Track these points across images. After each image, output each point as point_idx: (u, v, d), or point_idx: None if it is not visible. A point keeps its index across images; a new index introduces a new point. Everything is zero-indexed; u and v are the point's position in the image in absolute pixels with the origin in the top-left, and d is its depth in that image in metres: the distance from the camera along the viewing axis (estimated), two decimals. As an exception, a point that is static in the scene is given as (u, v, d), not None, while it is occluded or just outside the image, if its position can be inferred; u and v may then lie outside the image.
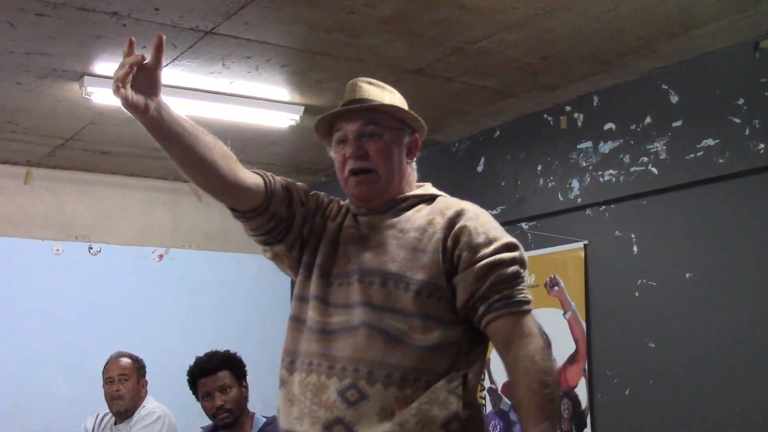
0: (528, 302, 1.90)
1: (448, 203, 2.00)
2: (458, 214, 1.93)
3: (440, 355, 1.86)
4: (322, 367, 1.88)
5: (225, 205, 1.99)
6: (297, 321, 1.99)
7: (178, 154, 1.85)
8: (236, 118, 4.75)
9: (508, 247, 1.90)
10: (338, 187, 2.10)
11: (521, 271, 1.90)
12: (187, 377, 3.48)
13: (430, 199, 2.03)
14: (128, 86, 1.75)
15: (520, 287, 1.89)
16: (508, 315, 1.85)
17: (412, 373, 1.83)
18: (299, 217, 2.02)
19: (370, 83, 2.07)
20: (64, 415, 5.48)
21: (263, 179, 1.98)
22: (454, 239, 1.89)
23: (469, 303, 1.88)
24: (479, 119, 4.91)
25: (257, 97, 4.53)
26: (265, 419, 3.43)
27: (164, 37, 1.80)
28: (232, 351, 3.54)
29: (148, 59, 1.79)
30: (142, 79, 1.77)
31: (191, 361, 3.53)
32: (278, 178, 2.04)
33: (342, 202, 2.11)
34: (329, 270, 1.97)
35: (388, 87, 2.09)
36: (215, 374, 3.41)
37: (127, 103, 1.76)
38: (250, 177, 1.96)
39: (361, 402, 1.82)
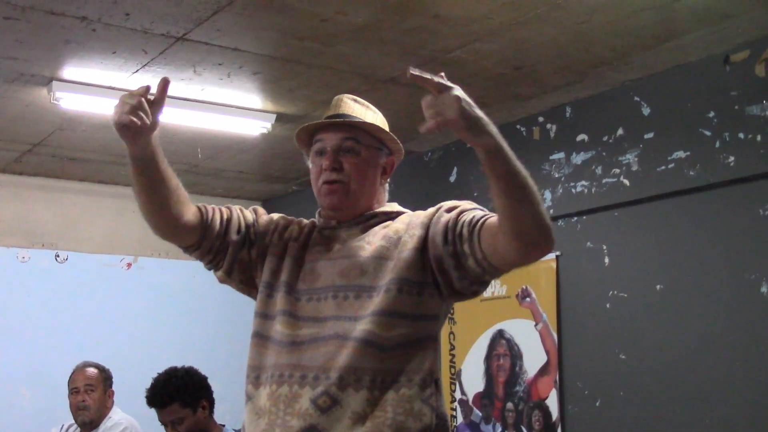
0: None
1: (409, 214, 2.07)
2: (423, 212, 2.01)
3: (409, 353, 1.89)
4: (294, 377, 1.90)
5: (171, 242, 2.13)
6: (261, 337, 2.02)
7: (145, 192, 1.99)
8: (207, 126, 4.73)
9: (465, 201, 1.99)
10: (310, 196, 2.11)
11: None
12: None
13: (396, 215, 2.09)
14: (138, 112, 1.85)
15: (485, 210, 1.94)
16: (491, 216, 1.87)
17: (381, 374, 1.86)
18: (234, 248, 2.10)
19: (355, 101, 2.13)
20: (28, 426, 5.41)
21: (202, 217, 2.07)
22: (421, 225, 1.97)
23: (448, 235, 1.90)
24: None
25: (229, 105, 4.51)
26: (234, 431, 3.41)
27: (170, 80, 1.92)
28: (190, 368, 3.51)
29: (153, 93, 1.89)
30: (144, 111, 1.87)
31: (159, 371, 3.50)
32: (220, 211, 2.11)
33: (305, 221, 2.16)
34: (295, 286, 2.02)
35: (372, 107, 2.15)
36: (165, 409, 3.39)
37: (133, 127, 1.85)
38: (192, 217, 2.05)
39: (333, 408, 1.84)
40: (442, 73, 1.68)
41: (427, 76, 1.68)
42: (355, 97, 2.14)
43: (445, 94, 1.66)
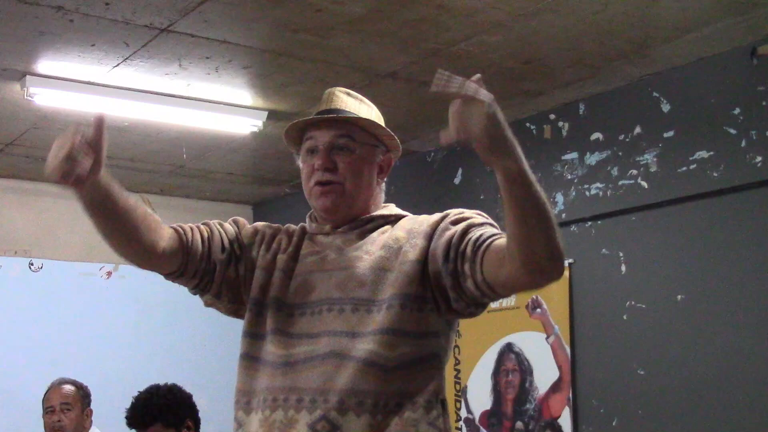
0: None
1: (410, 219, 2.05)
2: (425, 219, 1.99)
3: (413, 374, 1.88)
4: (290, 401, 1.88)
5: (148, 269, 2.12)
6: (250, 359, 2.01)
7: (110, 232, 2.01)
8: (193, 123, 4.73)
9: (474, 212, 1.96)
10: (304, 199, 2.09)
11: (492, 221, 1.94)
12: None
13: (395, 219, 2.07)
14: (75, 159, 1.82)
15: (496, 227, 1.91)
16: (500, 238, 1.83)
17: (384, 398, 1.84)
18: (221, 267, 2.07)
19: (348, 94, 2.11)
20: (-1, 448, 5.41)
21: (181, 240, 2.05)
22: (424, 236, 1.95)
23: (450, 253, 1.87)
24: (457, 127, 4.90)
25: (217, 101, 4.51)
26: (221, 453, 3.40)
27: (104, 116, 1.87)
28: (174, 385, 3.51)
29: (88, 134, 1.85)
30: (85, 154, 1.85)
31: (141, 389, 3.49)
32: (199, 230, 2.09)
33: (293, 228, 2.14)
34: (286, 301, 2.00)
35: (367, 101, 2.12)
36: (146, 429, 3.38)
37: (72, 177, 1.84)
38: (169, 242, 2.03)
39: None
40: (478, 75, 1.62)
41: (456, 82, 1.62)
42: (348, 90, 2.12)
43: (475, 106, 1.61)
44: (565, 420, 4.40)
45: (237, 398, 2.00)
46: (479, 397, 4.88)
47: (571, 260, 4.47)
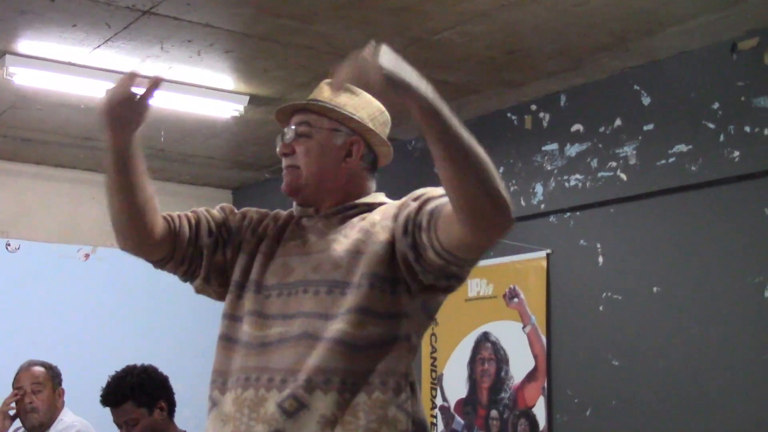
0: None
1: (393, 203, 2.07)
2: (397, 204, 2.02)
3: (382, 354, 1.89)
4: (261, 380, 1.90)
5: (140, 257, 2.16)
6: (227, 340, 2.03)
7: (123, 194, 2.02)
8: (174, 107, 4.70)
9: (440, 189, 1.96)
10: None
11: None
12: None
13: (378, 207, 2.09)
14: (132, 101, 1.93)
15: None
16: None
17: (352, 376, 1.86)
18: (209, 251, 2.11)
19: (330, 84, 2.12)
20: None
21: (170, 227, 2.09)
22: (393, 217, 1.98)
23: (408, 225, 1.90)
24: (438, 116, 4.90)
25: (198, 85, 4.48)
26: (196, 438, 3.40)
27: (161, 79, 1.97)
28: (149, 366, 3.50)
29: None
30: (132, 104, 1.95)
31: (119, 369, 3.49)
32: (187, 217, 2.13)
33: (282, 214, 2.17)
34: (264, 283, 2.02)
35: (356, 89, 2.11)
36: (118, 408, 3.38)
37: (125, 117, 1.93)
38: (162, 229, 2.08)
39: (300, 411, 1.84)
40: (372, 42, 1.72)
41: (346, 68, 1.75)
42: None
43: (372, 57, 1.72)
44: (540, 409, 4.42)
45: (213, 378, 2.02)
46: (455, 385, 4.90)
47: (548, 251, 4.48)
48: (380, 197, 2.14)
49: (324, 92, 2.11)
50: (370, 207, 2.08)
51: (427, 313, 2.01)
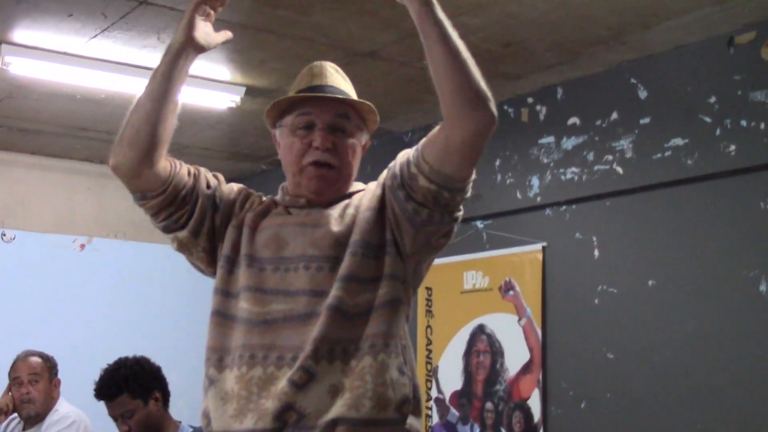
0: None
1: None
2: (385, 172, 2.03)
3: (378, 318, 1.91)
4: (270, 358, 1.89)
5: (126, 184, 2.04)
6: (222, 316, 1.99)
7: (157, 102, 2.00)
8: (170, 98, 4.69)
9: None
10: (280, 176, 2.08)
11: None
12: None
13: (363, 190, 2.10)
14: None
15: None
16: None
17: (353, 344, 1.88)
18: (204, 202, 2.04)
19: (336, 71, 2.11)
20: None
21: (170, 165, 2.05)
22: (380, 185, 2.01)
23: (397, 173, 1.94)
24: (435, 108, 4.82)
25: (195, 76, 4.38)
26: (192, 429, 3.40)
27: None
28: (141, 357, 3.50)
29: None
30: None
31: (111, 361, 3.48)
32: (187, 166, 2.10)
33: (265, 198, 2.12)
34: (256, 255, 1.99)
35: (348, 79, 2.13)
36: (113, 401, 3.37)
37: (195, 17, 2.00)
38: (164, 162, 2.04)
39: (310, 383, 1.85)
40: None
41: None
42: (335, 66, 2.11)
43: None
44: (535, 401, 4.43)
45: (208, 355, 1.98)
46: (450, 377, 4.91)
47: (544, 243, 4.49)
48: (360, 185, 2.12)
49: (336, 80, 2.08)
50: (357, 192, 2.08)
51: (418, 276, 2.04)
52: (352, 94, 2.09)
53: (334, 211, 2.00)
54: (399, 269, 1.96)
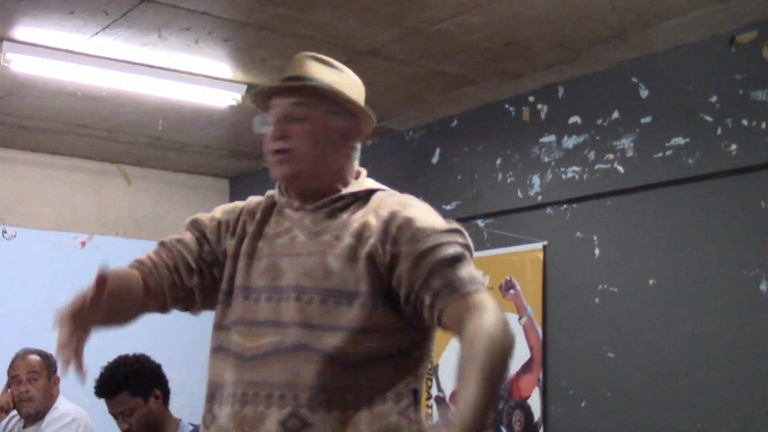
0: (478, 282, 1.85)
1: (382, 201, 1.98)
2: (392, 216, 1.91)
3: (380, 368, 1.86)
4: (260, 396, 1.86)
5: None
6: (220, 350, 1.99)
7: (123, 319, 2.14)
8: (172, 95, 4.69)
9: (448, 232, 1.89)
10: (282, 173, 2.08)
11: (465, 252, 1.88)
12: None
13: (365, 195, 2.01)
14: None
15: (466, 268, 1.86)
16: (458, 299, 1.83)
17: (352, 393, 1.83)
18: (198, 289, 2.07)
19: (315, 59, 2.05)
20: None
21: (156, 283, 2.07)
22: (391, 241, 1.88)
23: (411, 296, 1.86)
24: (436, 107, 4.91)
25: (196, 73, 4.48)
26: (192, 427, 3.40)
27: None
28: (141, 355, 3.50)
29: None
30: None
31: (111, 359, 3.48)
32: (164, 262, 2.07)
33: (254, 202, 2.09)
34: (250, 286, 1.96)
35: (338, 65, 2.06)
36: (113, 399, 3.38)
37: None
38: (149, 290, 2.07)
39: (304, 430, 1.81)
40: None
41: None
42: (316, 54, 2.06)
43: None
44: (535, 400, 4.43)
45: (209, 392, 1.98)
46: (450, 375, 4.90)
47: (545, 242, 4.49)
48: (365, 182, 2.05)
49: (309, 68, 2.02)
50: (356, 196, 2.00)
51: (424, 328, 1.96)
52: (340, 81, 2.02)
53: (334, 228, 1.94)
54: (398, 321, 1.90)
